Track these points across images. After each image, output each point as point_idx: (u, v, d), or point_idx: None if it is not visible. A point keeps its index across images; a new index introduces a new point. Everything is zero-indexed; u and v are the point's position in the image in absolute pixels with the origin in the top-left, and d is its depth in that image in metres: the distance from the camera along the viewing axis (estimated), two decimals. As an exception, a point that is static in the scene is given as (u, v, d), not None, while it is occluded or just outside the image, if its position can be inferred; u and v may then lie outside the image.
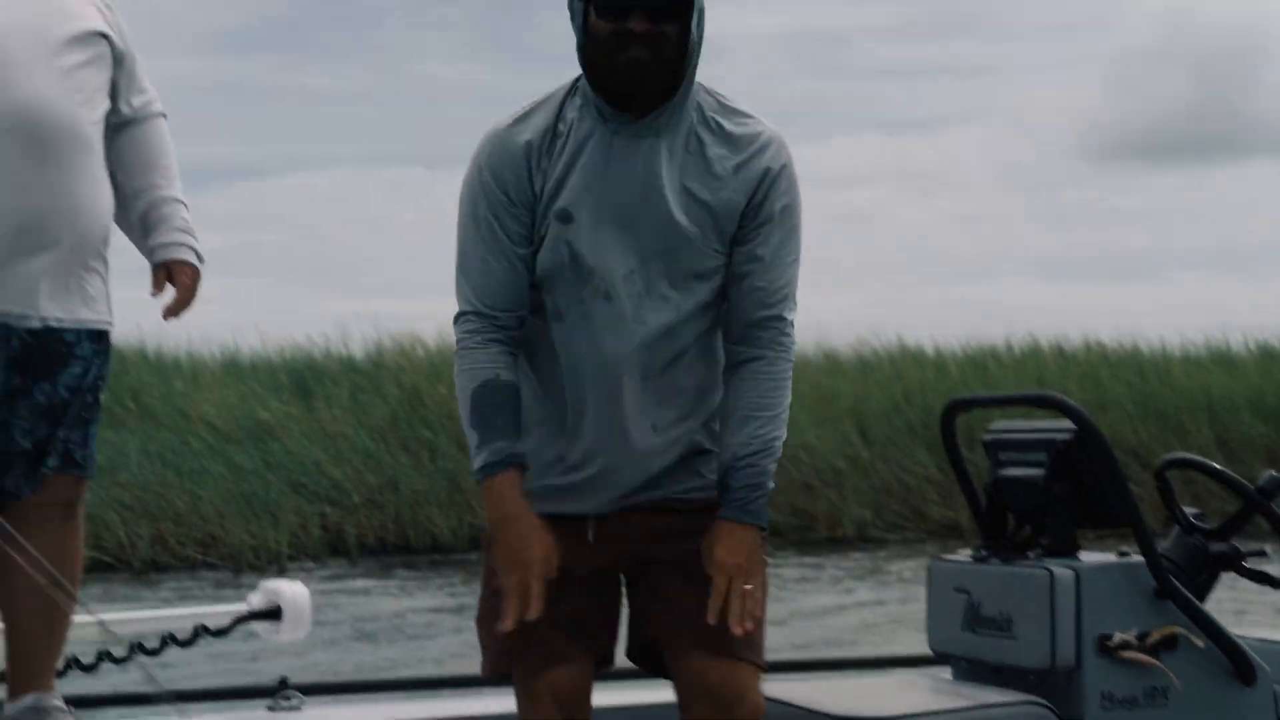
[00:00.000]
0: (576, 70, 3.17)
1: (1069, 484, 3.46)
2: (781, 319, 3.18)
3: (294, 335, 15.89)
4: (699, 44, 3.12)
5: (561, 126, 3.15)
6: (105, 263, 3.72)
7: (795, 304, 3.21)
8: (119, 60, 3.74)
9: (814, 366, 15.24)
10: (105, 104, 3.69)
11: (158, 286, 3.81)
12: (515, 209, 3.15)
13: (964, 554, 3.59)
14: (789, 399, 3.15)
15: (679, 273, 3.12)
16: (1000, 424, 3.65)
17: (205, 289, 3.94)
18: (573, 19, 3.09)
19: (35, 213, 3.55)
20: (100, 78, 3.66)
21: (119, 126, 3.78)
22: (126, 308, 3.92)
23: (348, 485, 12.66)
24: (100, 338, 3.72)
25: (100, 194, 3.68)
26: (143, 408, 13.23)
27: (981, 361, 16.71)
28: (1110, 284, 32.59)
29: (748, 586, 3.05)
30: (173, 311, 3.82)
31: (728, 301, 3.15)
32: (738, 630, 3.03)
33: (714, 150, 3.14)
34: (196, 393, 13.67)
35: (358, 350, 15.50)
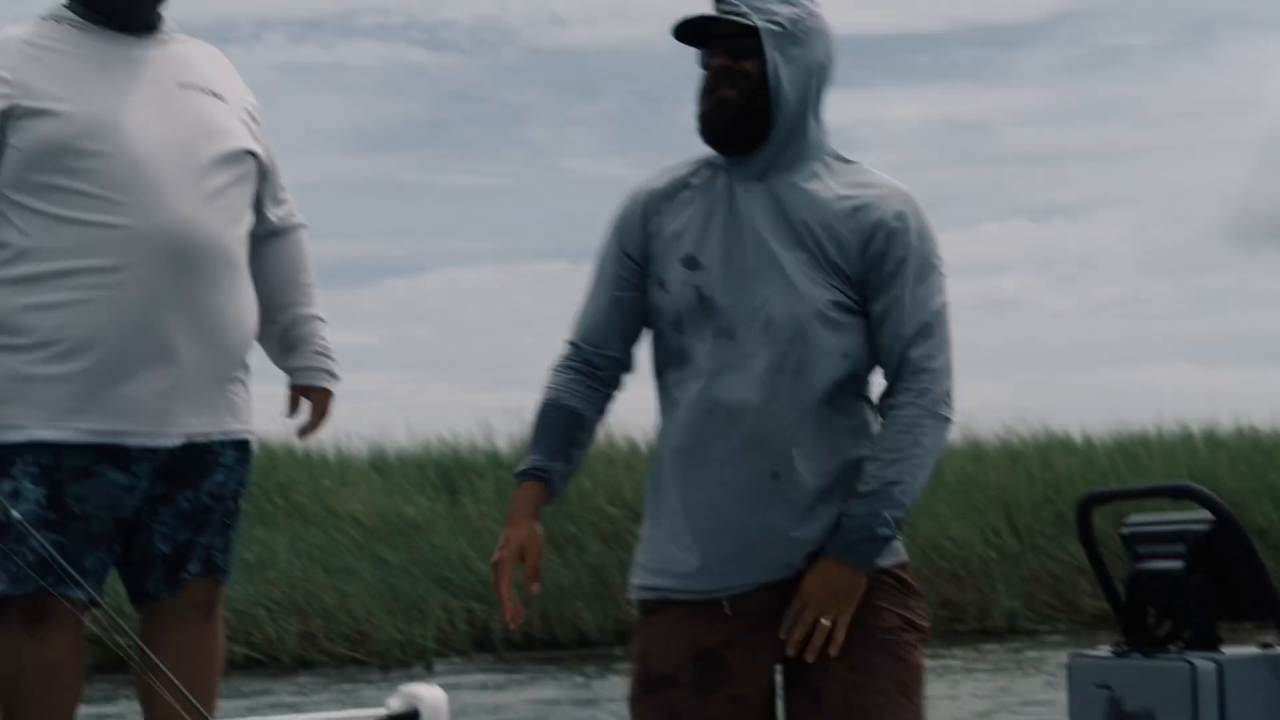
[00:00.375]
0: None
1: (1209, 576, 3.40)
2: (913, 364, 3.18)
3: (440, 430, 16.03)
4: (796, 84, 3.19)
5: (694, 179, 3.25)
6: (248, 370, 3.80)
7: (940, 358, 3.17)
8: (264, 174, 3.84)
9: (960, 455, 15.10)
10: (250, 219, 3.78)
11: (293, 407, 3.89)
12: (624, 256, 3.27)
13: (1104, 649, 3.54)
14: (923, 451, 3.11)
15: (795, 312, 3.17)
16: (1137, 516, 3.61)
17: (355, 384, 4.04)
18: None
19: (182, 330, 3.65)
20: (247, 194, 3.76)
21: (262, 237, 3.87)
22: (275, 404, 3.99)
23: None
24: (242, 446, 3.80)
25: (245, 309, 3.77)
26: (291, 505, 13.40)
27: (1131, 449, 16.47)
28: (1263, 368, 32.04)
29: (825, 622, 3.05)
30: (307, 433, 3.89)
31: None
32: (806, 656, 3.04)
33: (830, 192, 3.21)
34: (344, 489, 13.82)
35: (503, 444, 15.59)
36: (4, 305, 3.61)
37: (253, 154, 3.76)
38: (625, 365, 3.34)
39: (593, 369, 3.32)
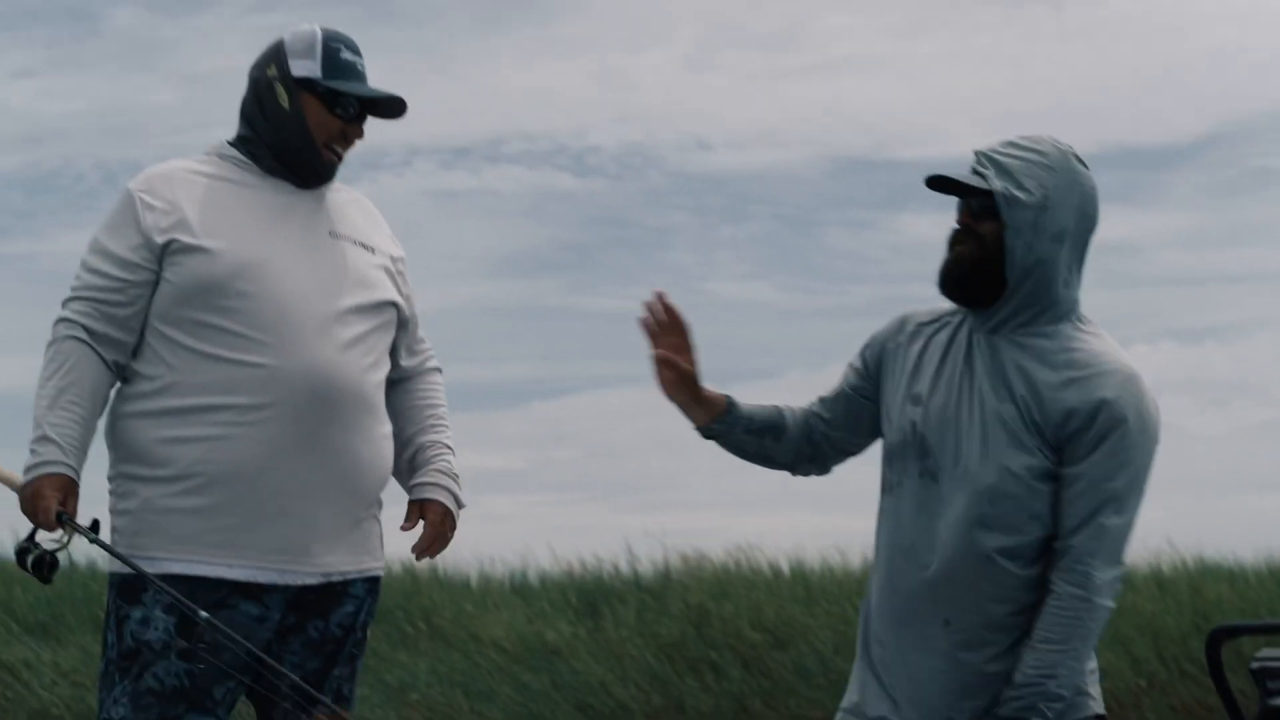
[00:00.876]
0: (857, 282, 3.56)
1: (1339, 715, 3.35)
2: (1076, 552, 3.19)
3: (583, 552, 16.03)
4: (1034, 251, 3.25)
5: (951, 319, 3.41)
6: (380, 506, 3.88)
7: (1107, 546, 3.19)
8: (403, 324, 3.94)
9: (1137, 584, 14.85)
10: (387, 365, 3.88)
11: (409, 521, 3.96)
12: (863, 362, 3.50)
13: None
14: (1081, 642, 3.14)
15: (993, 467, 3.22)
16: (1267, 651, 3.57)
17: (500, 507, 4.14)
18: None
19: (318, 471, 3.74)
20: (385, 341, 3.88)
21: (396, 381, 3.96)
22: (417, 531, 4.04)
23: (633, 705, 12.67)
24: (372, 581, 3.87)
25: (381, 452, 3.87)
26: (434, 629, 13.45)
27: (1284, 576, 16.11)
28: None
29: None
30: (423, 550, 3.94)
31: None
32: None
33: (1056, 358, 3.25)
34: (485, 613, 13.85)
35: (645, 568, 15.57)
36: (145, 437, 3.71)
37: (394, 305, 3.86)
38: (831, 438, 3.55)
39: (813, 415, 3.55)
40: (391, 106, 3.90)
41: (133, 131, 19.35)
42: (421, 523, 3.98)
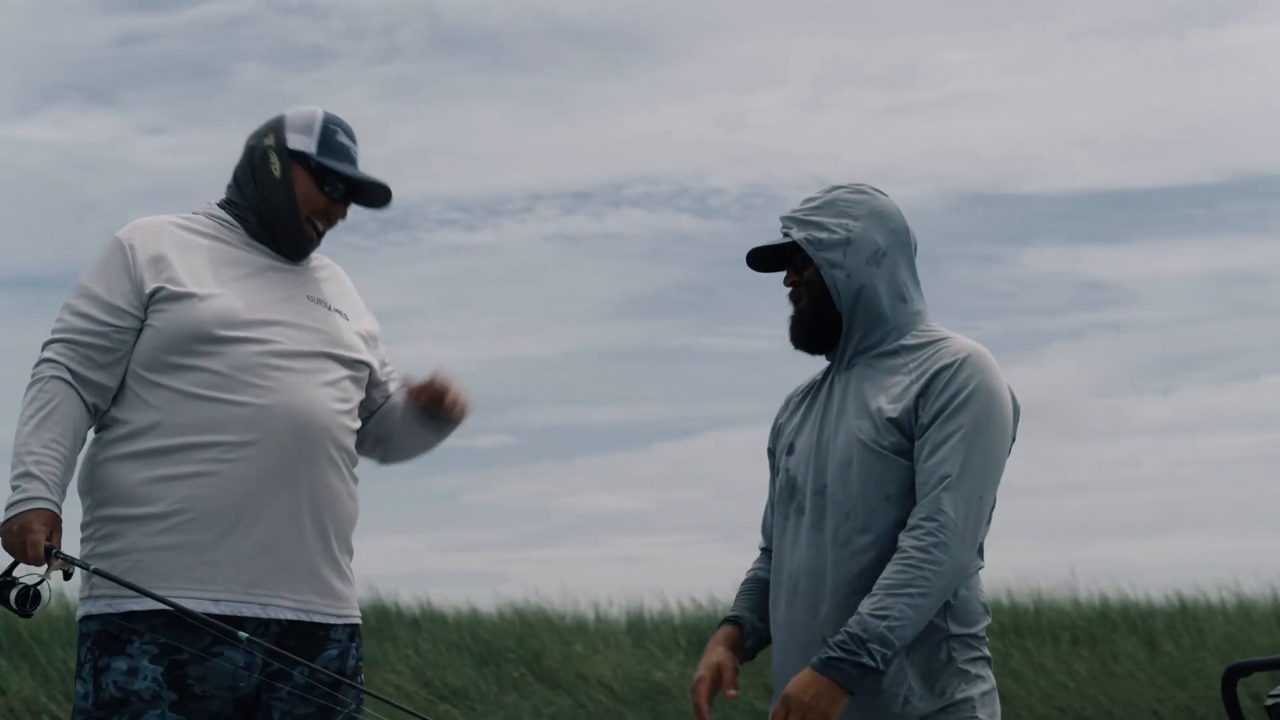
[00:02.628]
0: (981, 318, 3.68)
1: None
2: (923, 512, 3.28)
3: (698, 592, 16.02)
4: (856, 279, 3.43)
5: (817, 377, 3.58)
6: (351, 555, 3.96)
7: (957, 512, 3.24)
8: (375, 384, 4.08)
9: (1225, 614, 14.59)
10: (357, 417, 3.98)
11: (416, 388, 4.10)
12: (770, 455, 3.63)
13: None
14: (919, 590, 3.19)
15: (861, 484, 3.33)
16: None
17: (627, 548, 4.28)
18: None
19: (298, 505, 3.81)
20: (358, 394, 4.00)
21: (373, 414, 4.09)
22: (530, 567, 4.17)
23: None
24: (353, 629, 3.91)
25: (353, 493, 3.97)
26: (542, 670, 13.50)
27: None
28: None
29: None
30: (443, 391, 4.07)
31: None
32: None
33: (898, 360, 3.39)
34: (595, 654, 13.88)
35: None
36: (129, 479, 3.77)
37: (367, 364, 4.02)
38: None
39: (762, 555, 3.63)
40: (376, 194, 4.01)
41: (260, 184, 19.64)
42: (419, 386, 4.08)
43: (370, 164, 4.00)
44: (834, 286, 3.41)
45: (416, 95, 20.21)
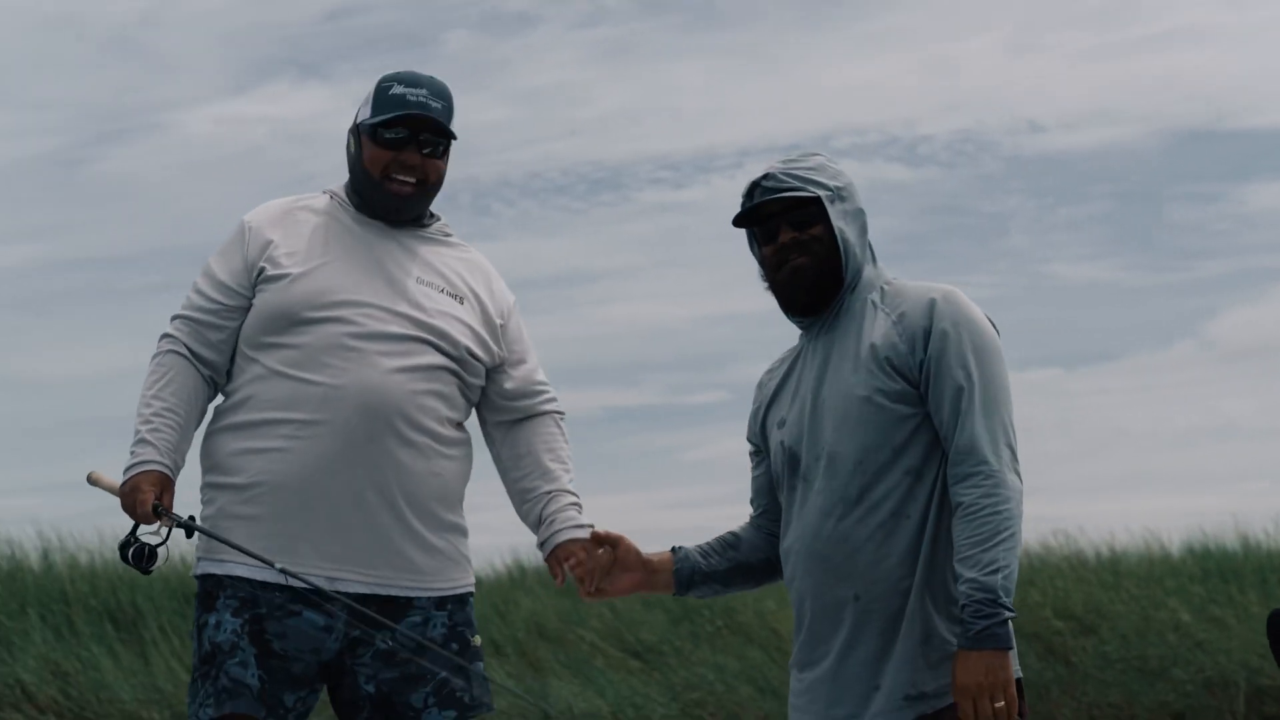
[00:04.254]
0: (1202, 257, 3.72)
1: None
2: (962, 457, 3.35)
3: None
4: (860, 239, 3.52)
5: (787, 355, 3.65)
6: (451, 529, 4.02)
7: (992, 445, 3.33)
8: (499, 369, 4.11)
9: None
10: (461, 400, 4.05)
11: (556, 573, 4.05)
12: (759, 447, 3.68)
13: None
14: (1006, 533, 3.26)
15: (857, 435, 3.39)
16: None
17: None
18: (752, 251, 3.45)
19: (367, 483, 3.93)
20: (455, 378, 4.03)
21: (508, 424, 4.16)
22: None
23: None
24: (440, 601, 3.99)
25: (444, 471, 4.01)
26: (735, 625, 13.61)
27: None
28: None
29: (998, 704, 3.23)
30: (588, 591, 3.96)
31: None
32: None
33: (883, 306, 3.49)
34: (784, 609, 13.97)
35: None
36: (223, 449, 4.00)
37: (468, 349, 4.02)
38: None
39: (755, 521, 3.77)
40: (432, 115, 3.99)
41: (469, 150, 19.95)
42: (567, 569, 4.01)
43: (579, 126, 4.03)
44: (846, 245, 3.47)
45: (623, 57, 20.30)
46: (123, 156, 19.13)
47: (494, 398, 4.11)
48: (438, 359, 3.98)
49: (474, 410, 4.13)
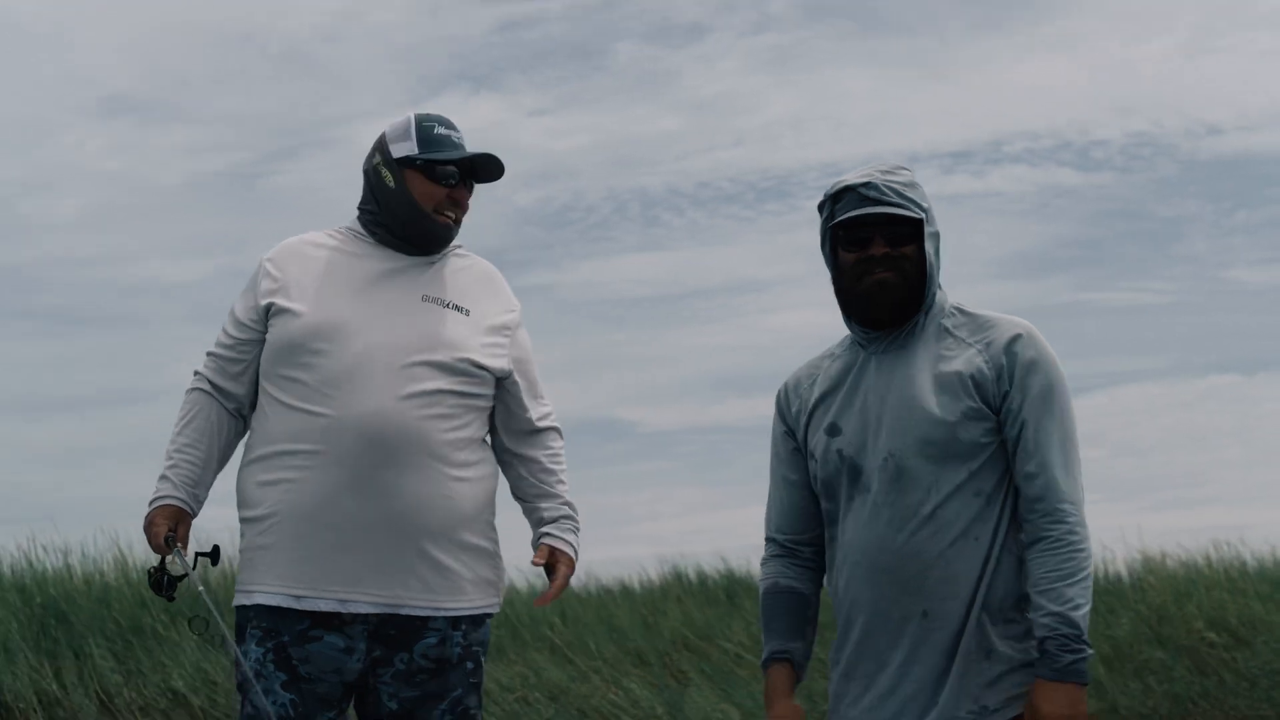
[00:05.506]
0: None
1: None
2: (1042, 494, 3.40)
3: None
4: (936, 262, 3.52)
5: (827, 362, 3.62)
6: (469, 550, 4.14)
7: (1070, 487, 3.40)
8: (503, 383, 4.22)
9: None
10: (472, 419, 4.16)
11: (542, 556, 4.18)
12: (787, 436, 3.62)
13: None
14: (1084, 574, 3.37)
15: (933, 454, 3.36)
16: None
17: None
18: (825, 259, 3.51)
19: (372, 510, 4.04)
20: (467, 398, 4.14)
21: (518, 435, 4.29)
22: None
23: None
24: (456, 621, 4.11)
25: (454, 493, 4.11)
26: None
27: None
28: None
29: None
30: (547, 599, 4.17)
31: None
32: None
33: (960, 332, 3.50)
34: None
35: (1121, 567, 15.22)
36: (246, 482, 4.16)
37: (481, 365, 4.14)
38: (820, 541, 3.66)
39: (795, 553, 3.64)
40: (489, 167, 4.21)
41: (640, 161, 20.07)
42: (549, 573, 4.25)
43: (743, 134, 4.13)
44: (932, 267, 3.49)
45: (788, 65, 20.30)
46: (299, 171, 19.51)
47: (499, 411, 4.22)
48: (443, 382, 4.09)
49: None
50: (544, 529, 4.26)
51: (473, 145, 4.24)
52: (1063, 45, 20.11)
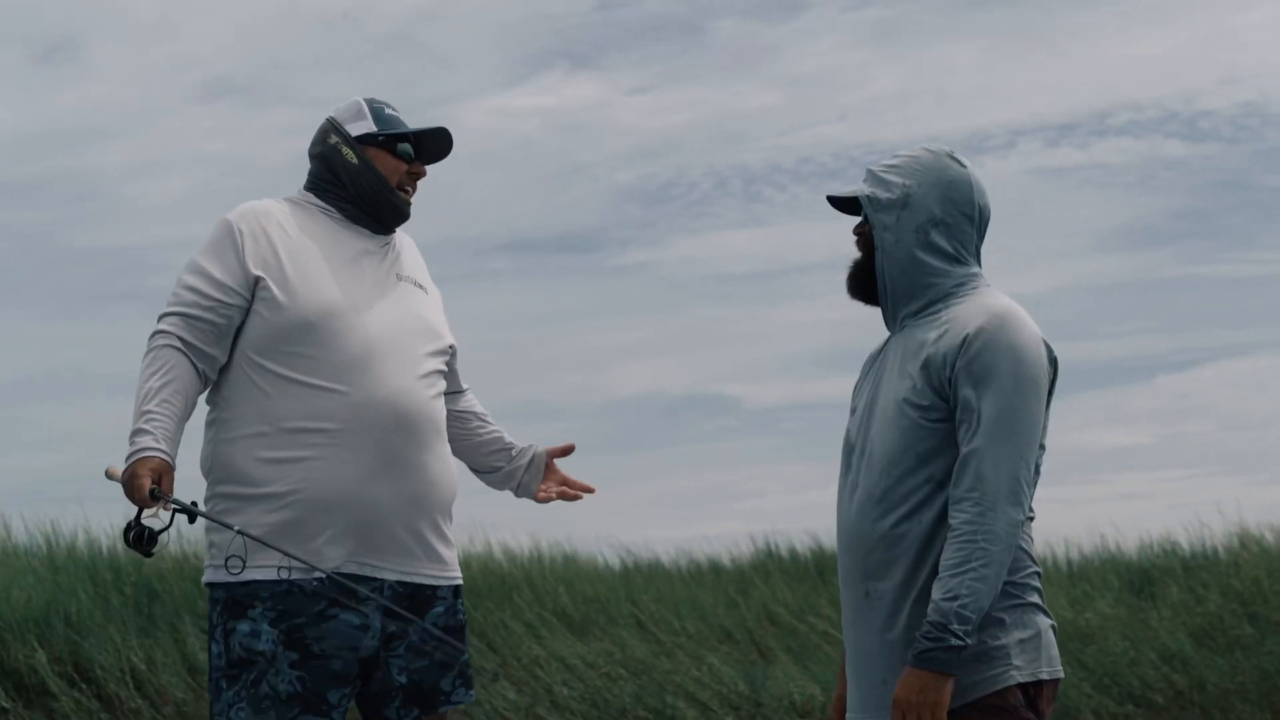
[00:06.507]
0: None
1: None
2: (963, 484, 3.39)
3: (1169, 529, 15.55)
4: (902, 243, 3.54)
5: (882, 344, 3.71)
6: (451, 521, 4.30)
7: (996, 480, 3.35)
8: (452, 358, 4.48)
9: None
10: (443, 395, 4.38)
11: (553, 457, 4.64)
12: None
13: None
14: (979, 563, 3.31)
15: (891, 438, 3.50)
16: None
17: (1129, 485, 4.39)
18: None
19: (402, 488, 4.18)
20: (443, 375, 4.38)
21: (453, 396, 4.57)
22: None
23: (1156, 684, 12.42)
24: (456, 590, 4.27)
25: (450, 469, 4.35)
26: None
27: None
28: None
29: None
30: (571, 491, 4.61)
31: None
32: None
33: (934, 323, 3.54)
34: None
35: (1218, 543, 15.09)
36: (246, 459, 4.11)
37: (451, 346, 4.40)
38: None
39: None
40: (440, 142, 4.35)
41: (740, 137, 20.04)
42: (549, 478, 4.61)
43: (846, 110, 4.20)
44: (880, 248, 3.54)
45: (892, 39, 20.22)
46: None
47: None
48: (438, 362, 4.30)
49: None
50: (520, 446, 4.59)
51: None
52: (1169, 15, 19.90)
